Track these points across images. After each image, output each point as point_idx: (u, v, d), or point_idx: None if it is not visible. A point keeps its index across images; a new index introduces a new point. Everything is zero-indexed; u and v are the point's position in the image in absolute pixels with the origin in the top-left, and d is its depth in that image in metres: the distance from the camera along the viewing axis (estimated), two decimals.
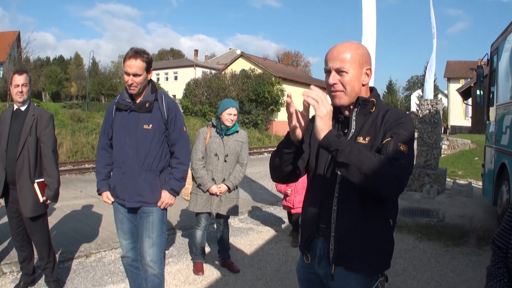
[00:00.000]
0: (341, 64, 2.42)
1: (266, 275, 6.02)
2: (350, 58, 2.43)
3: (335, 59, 2.44)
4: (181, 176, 4.38)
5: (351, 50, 2.45)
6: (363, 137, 2.44)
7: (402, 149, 2.28)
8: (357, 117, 2.52)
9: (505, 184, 7.90)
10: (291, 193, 7.39)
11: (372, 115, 2.50)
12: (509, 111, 7.79)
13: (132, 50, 4.05)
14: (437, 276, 6.10)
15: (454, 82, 49.87)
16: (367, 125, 2.48)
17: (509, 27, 8.20)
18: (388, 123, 2.41)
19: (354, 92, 2.47)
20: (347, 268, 2.47)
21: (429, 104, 12.81)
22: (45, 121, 4.92)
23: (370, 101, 2.52)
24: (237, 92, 42.74)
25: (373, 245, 2.47)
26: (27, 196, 4.79)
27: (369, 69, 2.51)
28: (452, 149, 23.81)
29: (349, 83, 2.45)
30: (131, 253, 4.48)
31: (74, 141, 22.12)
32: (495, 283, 2.21)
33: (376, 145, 2.38)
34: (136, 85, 4.05)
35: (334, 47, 2.50)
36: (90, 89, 59.51)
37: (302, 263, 2.79)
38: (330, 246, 2.52)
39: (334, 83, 2.47)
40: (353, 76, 2.44)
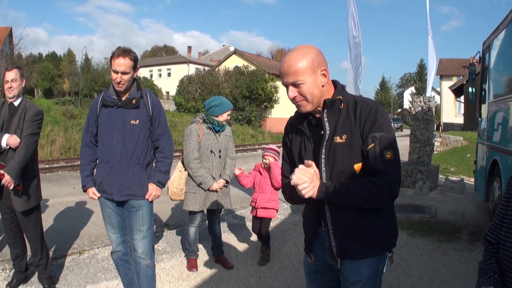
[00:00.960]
0: (294, 78, 2.45)
1: (259, 271, 6.04)
2: (301, 68, 2.44)
3: (287, 73, 2.47)
4: (166, 169, 4.55)
5: (299, 59, 2.45)
6: (340, 135, 2.51)
7: (388, 157, 2.41)
8: (329, 118, 2.56)
9: (497, 180, 7.94)
10: (255, 190, 6.59)
11: (342, 111, 2.55)
12: (501, 108, 7.83)
13: (120, 49, 4.18)
14: (429, 271, 6.14)
15: (447, 79, 50.04)
16: (340, 123, 2.53)
17: (500, 25, 8.23)
18: (363, 119, 2.48)
19: (315, 98, 2.51)
20: (353, 259, 2.60)
21: (421, 101, 12.85)
22: (29, 115, 4.86)
23: (337, 100, 2.55)
24: (230, 89, 42.77)
25: (372, 231, 2.58)
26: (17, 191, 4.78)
27: (324, 69, 2.51)
28: (445, 146, 23.91)
29: (308, 92, 2.48)
30: (121, 247, 4.58)
31: (67, 138, 22.01)
32: (485, 279, 2.24)
33: (355, 143, 2.48)
34: (124, 82, 4.18)
35: (283, 60, 2.51)
36: (83, 86, 59.33)
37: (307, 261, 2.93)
38: (331, 243, 2.62)
39: (294, 96, 2.51)
40: (309, 84, 2.47)
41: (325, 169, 2.54)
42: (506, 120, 7.44)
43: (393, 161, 2.42)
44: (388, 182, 2.38)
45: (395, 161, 2.44)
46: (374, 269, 2.64)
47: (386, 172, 2.39)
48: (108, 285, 5.50)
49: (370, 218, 2.55)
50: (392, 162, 2.42)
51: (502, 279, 2.21)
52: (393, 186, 2.41)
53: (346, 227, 2.57)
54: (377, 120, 2.46)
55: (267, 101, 44.81)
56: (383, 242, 2.65)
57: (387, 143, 2.43)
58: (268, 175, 6.39)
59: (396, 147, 2.48)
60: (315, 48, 2.54)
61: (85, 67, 69.73)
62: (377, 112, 2.48)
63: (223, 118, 5.91)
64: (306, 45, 2.55)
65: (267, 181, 6.39)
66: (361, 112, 2.49)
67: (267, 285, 5.60)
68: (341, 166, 2.51)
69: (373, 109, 2.49)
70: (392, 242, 2.70)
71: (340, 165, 2.51)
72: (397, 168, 2.45)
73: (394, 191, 2.43)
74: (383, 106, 2.63)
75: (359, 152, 2.49)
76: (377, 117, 2.46)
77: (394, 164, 2.43)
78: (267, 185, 6.38)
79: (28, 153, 4.76)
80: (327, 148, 2.53)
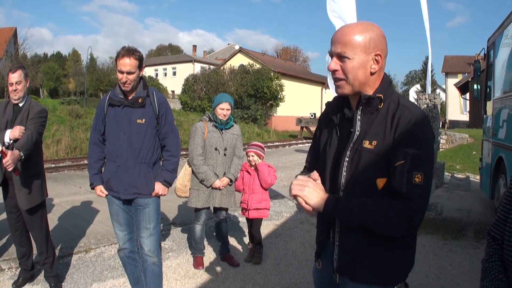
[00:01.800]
0: (342, 48, 2.13)
1: (265, 269, 6.05)
2: (353, 41, 2.11)
3: (337, 41, 2.15)
4: (173, 167, 4.55)
5: (356, 32, 2.13)
6: (369, 140, 2.15)
7: (417, 181, 2.03)
8: (363, 117, 2.22)
9: (502, 177, 7.93)
10: (245, 191, 6.37)
11: (380, 112, 2.19)
12: (506, 105, 7.82)
13: (124, 49, 4.19)
14: (435, 269, 6.14)
15: (452, 76, 49.89)
16: (375, 125, 2.17)
17: (505, 21, 8.22)
18: (399, 128, 2.10)
19: (357, 82, 2.17)
20: (352, 279, 2.29)
21: (426, 98, 12.82)
22: (34, 112, 4.87)
23: (376, 98, 2.18)
24: (236, 87, 42.74)
25: (382, 256, 2.22)
26: (21, 188, 4.79)
27: (379, 54, 2.15)
28: (450, 143, 23.83)
29: (351, 71, 2.15)
30: (128, 244, 4.61)
31: (73, 137, 22.05)
32: (489, 281, 2.07)
33: (383, 154, 2.11)
34: (130, 82, 4.19)
35: (340, 28, 2.22)
36: (88, 85, 59.39)
37: (316, 268, 2.64)
38: (334, 255, 2.35)
39: (334, 69, 2.20)
40: (356, 62, 2.13)
41: (345, 175, 2.23)
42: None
43: (421, 186, 2.03)
44: (409, 209, 2.01)
45: (424, 187, 2.04)
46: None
47: (410, 198, 2.01)
48: (114, 283, 5.51)
49: (384, 240, 2.17)
50: (419, 188, 2.03)
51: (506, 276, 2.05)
52: (414, 214, 2.03)
53: (354, 243, 2.25)
54: (414, 133, 2.07)
55: (273, 100, 44.76)
56: (392, 272, 2.26)
57: (420, 163, 2.04)
58: (256, 175, 6.25)
59: (430, 170, 2.09)
60: (380, 29, 2.19)
61: (90, 66, 69.80)
62: (416, 123, 2.08)
63: (218, 112, 5.89)
64: (371, 23, 2.20)
65: (256, 181, 6.23)
66: (400, 119, 2.10)
67: (273, 283, 5.61)
68: (363, 176, 2.17)
69: (414, 117, 2.10)
70: (403, 274, 2.31)
71: (362, 174, 2.17)
72: (424, 195, 2.06)
73: (414, 221, 2.05)
74: (428, 118, 2.23)
75: (385, 166, 2.11)
76: (415, 129, 2.07)
77: (421, 190, 2.04)
78: (256, 185, 6.24)
79: (30, 140, 4.60)
80: (353, 151, 2.20)
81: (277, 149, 27.06)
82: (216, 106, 5.90)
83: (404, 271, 2.32)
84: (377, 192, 2.14)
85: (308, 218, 8.74)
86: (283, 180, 13.51)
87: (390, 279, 2.27)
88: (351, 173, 2.21)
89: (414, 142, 2.06)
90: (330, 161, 2.36)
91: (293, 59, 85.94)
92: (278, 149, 27.56)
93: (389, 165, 2.10)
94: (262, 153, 6.28)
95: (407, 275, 2.33)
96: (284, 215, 9.01)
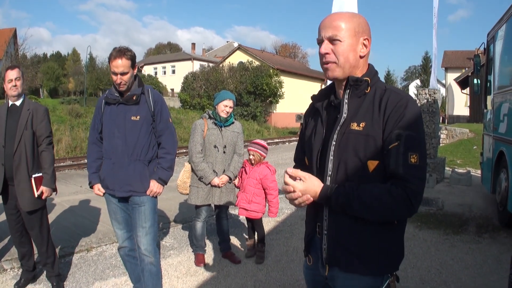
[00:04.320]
0: (333, 32, 2.18)
1: (267, 265, 6.05)
2: (343, 25, 2.17)
3: (328, 27, 2.20)
4: (169, 165, 4.53)
5: (345, 18, 2.20)
6: (357, 122, 2.17)
7: (413, 162, 2.05)
8: (350, 100, 2.25)
9: (504, 172, 7.92)
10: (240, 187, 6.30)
11: (367, 96, 2.22)
12: (507, 99, 7.80)
13: (116, 50, 4.22)
14: (437, 264, 6.14)
15: (452, 71, 49.84)
16: (362, 109, 2.20)
17: (504, 15, 8.20)
18: (388, 111, 2.12)
19: (348, 64, 2.21)
20: (342, 269, 2.27)
21: (426, 93, 12.82)
22: (40, 115, 4.95)
23: (364, 81, 2.22)
24: (235, 84, 42.75)
25: (372, 245, 2.20)
26: (24, 191, 4.81)
27: (366, 39, 2.24)
28: (451, 138, 23.86)
29: (343, 53, 2.19)
30: (127, 243, 4.64)
31: (73, 137, 22.07)
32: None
33: (373, 135, 2.12)
34: (124, 83, 4.23)
35: (328, 15, 2.27)
36: (88, 85, 59.33)
37: (307, 265, 2.61)
38: (323, 245, 2.31)
39: (326, 53, 2.21)
40: (347, 45, 2.18)
41: (333, 160, 2.21)
42: None
43: (418, 166, 2.05)
44: (407, 193, 2.01)
45: (420, 167, 2.06)
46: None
47: (407, 179, 2.03)
48: (116, 281, 5.52)
49: (373, 229, 2.18)
50: (416, 168, 2.05)
51: None
52: (413, 198, 2.03)
53: (343, 232, 2.23)
54: (405, 115, 2.09)
55: (272, 96, 44.74)
56: (383, 261, 2.23)
57: (414, 144, 2.07)
58: (252, 175, 6.11)
59: (424, 150, 2.12)
60: (364, 17, 2.28)
61: (90, 66, 69.77)
62: (407, 105, 2.11)
63: (220, 109, 5.86)
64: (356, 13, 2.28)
65: (250, 181, 6.11)
66: (388, 102, 2.14)
67: (275, 279, 5.61)
68: (353, 158, 2.16)
69: (403, 101, 2.13)
70: (395, 263, 2.30)
71: (351, 158, 2.17)
72: (421, 175, 2.07)
73: (414, 205, 2.04)
74: (416, 101, 2.25)
75: (376, 147, 2.12)
76: (406, 112, 2.10)
77: (418, 171, 2.06)
78: (249, 185, 6.11)
79: (52, 156, 5.05)
80: (340, 135, 2.20)
81: (277, 146, 27.08)
82: (219, 102, 5.87)
83: (395, 262, 2.30)
84: (368, 175, 2.15)
85: None
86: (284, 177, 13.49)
87: (381, 269, 2.25)
88: (339, 157, 2.21)
89: (406, 123, 2.08)
90: (316, 148, 2.35)
91: (292, 55, 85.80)
92: (278, 145, 27.58)
93: (383, 148, 2.11)
94: (264, 153, 6.14)
95: (398, 266, 2.32)
96: (285, 211, 9.01)
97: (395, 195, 2.03)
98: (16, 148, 4.77)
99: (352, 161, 2.17)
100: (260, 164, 6.12)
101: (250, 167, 6.20)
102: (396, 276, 2.32)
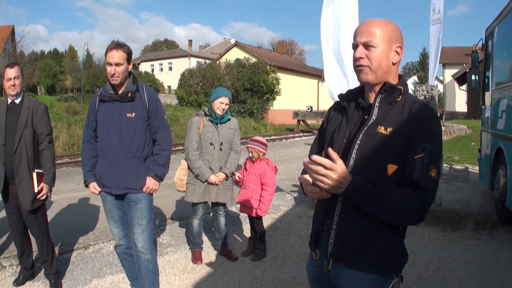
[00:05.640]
0: (368, 38, 2.27)
1: (264, 263, 6.05)
2: (379, 32, 2.27)
3: (363, 32, 2.30)
4: (164, 162, 4.55)
5: (381, 25, 2.30)
6: (385, 126, 2.25)
7: (432, 175, 2.16)
8: (381, 104, 2.33)
9: (502, 168, 7.92)
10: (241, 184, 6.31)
11: (397, 104, 2.31)
12: (505, 95, 7.79)
13: (114, 43, 4.28)
14: (435, 260, 6.14)
15: (450, 68, 49.82)
16: (391, 115, 2.28)
17: (503, 11, 8.19)
18: (416, 122, 2.20)
19: (381, 70, 2.30)
20: (347, 266, 2.30)
21: (424, 90, 12.81)
22: (40, 113, 4.94)
23: (398, 89, 2.31)
24: (232, 81, 42.75)
25: (378, 244, 2.26)
26: (26, 189, 4.79)
27: (399, 47, 2.33)
28: (448, 134, 23.84)
29: (376, 59, 2.28)
30: (124, 241, 4.65)
31: (70, 134, 22.07)
32: None
33: (397, 140, 2.20)
34: (118, 75, 4.24)
35: (364, 21, 2.36)
36: (85, 82, 59.23)
37: (312, 262, 2.61)
38: (330, 240, 2.35)
39: (360, 57, 2.30)
40: (381, 52, 2.28)
41: (355, 158, 2.26)
42: (511, 107, 7.41)
43: (435, 181, 2.18)
44: (424, 201, 2.12)
45: (436, 181, 2.19)
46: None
47: (426, 191, 2.13)
48: (113, 279, 5.51)
49: (382, 229, 2.24)
50: (434, 182, 2.17)
51: None
52: (426, 207, 2.14)
53: (353, 229, 2.27)
54: (432, 129, 2.20)
55: (269, 93, 44.75)
56: (388, 262, 2.29)
57: (436, 158, 2.18)
58: (252, 171, 6.15)
59: (441, 165, 2.26)
60: (397, 26, 2.38)
61: (87, 63, 69.72)
62: (434, 120, 2.23)
63: (216, 106, 5.86)
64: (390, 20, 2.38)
65: (250, 178, 6.15)
66: (417, 114, 2.22)
67: (272, 276, 5.61)
68: (374, 160, 2.23)
69: (432, 116, 2.23)
70: (400, 264, 2.35)
71: (373, 159, 2.23)
72: (436, 189, 2.20)
73: (424, 213, 2.16)
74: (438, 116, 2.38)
75: (398, 153, 2.20)
76: (432, 126, 2.21)
77: (435, 184, 2.18)
78: (249, 181, 6.17)
79: (53, 155, 5.07)
80: (366, 135, 2.26)
81: (274, 143, 27.02)
82: (215, 99, 5.86)
83: (400, 263, 2.36)
84: (385, 177, 2.20)
85: (306, 211, 8.75)
86: (281, 173, 13.53)
87: (385, 269, 2.30)
88: (361, 156, 2.26)
89: (432, 138, 2.19)
90: (338, 145, 2.38)
91: (289, 52, 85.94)
92: (275, 142, 27.52)
93: (406, 156, 2.19)
94: (262, 149, 6.15)
95: (402, 268, 2.37)
96: (282, 208, 9.01)
97: (414, 201, 2.12)
98: (16, 146, 4.75)
99: (373, 162, 2.23)
100: (261, 160, 6.13)
101: (250, 164, 6.21)
102: (401, 276, 2.38)
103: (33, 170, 4.85)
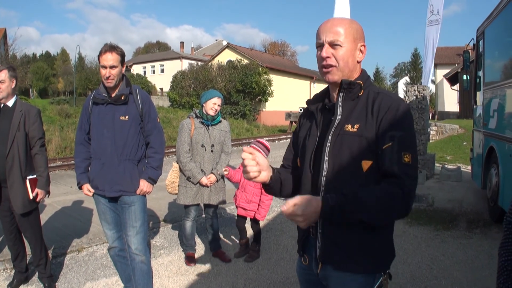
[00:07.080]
0: (334, 37, 2.25)
1: (257, 264, 6.06)
2: (344, 32, 2.26)
3: (328, 31, 2.27)
4: (158, 164, 4.57)
5: (345, 23, 2.29)
6: (352, 124, 2.23)
7: (406, 161, 2.12)
8: (344, 103, 2.32)
9: (494, 167, 7.96)
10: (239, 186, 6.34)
11: (361, 99, 2.30)
12: (496, 95, 7.84)
13: (107, 45, 4.29)
14: (428, 259, 6.16)
15: (442, 68, 49.99)
16: (356, 111, 2.27)
17: (494, 11, 8.23)
18: (382, 113, 2.20)
19: (347, 68, 2.29)
20: (336, 268, 2.30)
21: (416, 90, 12.84)
22: (33, 116, 4.92)
23: (356, 84, 2.30)
24: (224, 83, 42.72)
25: (363, 244, 2.25)
26: (18, 193, 4.78)
27: (363, 45, 2.35)
28: (441, 134, 23.93)
29: (343, 58, 2.27)
30: (117, 243, 4.66)
31: (63, 137, 21.97)
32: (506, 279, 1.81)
33: (367, 136, 2.19)
34: (113, 77, 4.25)
35: (327, 20, 2.34)
36: (77, 85, 58.99)
37: (301, 265, 2.64)
38: (317, 243, 2.35)
39: (327, 57, 2.27)
40: (347, 50, 2.27)
41: (328, 160, 2.26)
42: (502, 106, 7.46)
43: (411, 165, 2.13)
44: (403, 191, 2.07)
45: (413, 166, 2.14)
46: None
47: (402, 177, 2.09)
48: (107, 281, 5.51)
49: (366, 229, 2.21)
50: (409, 167, 2.12)
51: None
52: (408, 196, 2.09)
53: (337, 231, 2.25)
54: (398, 117, 2.18)
55: (261, 95, 44.73)
56: (375, 260, 2.28)
57: (406, 144, 2.15)
58: None
59: (415, 150, 2.19)
60: (360, 24, 2.38)
61: (79, 65, 69.49)
62: (399, 108, 2.20)
63: (209, 106, 5.86)
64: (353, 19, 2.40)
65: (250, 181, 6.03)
66: (381, 105, 2.22)
67: (265, 277, 5.62)
68: (347, 159, 2.22)
69: (395, 104, 2.21)
70: (386, 262, 2.35)
71: (346, 158, 2.22)
72: (414, 174, 2.15)
73: (409, 203, 2.12)
74: (408, 104, 2.38)
75: (370, 148, 2.19)
76: (398, 114, 2.19)
77: (411, 169, 2.13)
78: (249, 185, 6.18)
79: (46, 159, 5.06)
80: (334, 136, 2.26)
81: None
82: (207, 100, 5.87)
83: (387, 261, 2.36)
84: (362, 174, 2.21)
85: None
86: None
87: (373, 268, 2.30)
88: (333, 158, 2.26)
89: (399, 125, 2.17)
90: (310, 150, 2.40)
91: (281, 53, 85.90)
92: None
93: (377, 148, 2.18)
94: (265, 155, 5.99)
95: (390, 264, 2.37)
96: (275, 209, 9.00)
97: (392, 195, 2.08)
98: (9, 149, 4.73)
99: (347, 161, 2.23)
100: None
101: None
102: (389, 274, 2.37)
103: (25, 176, 4.83)
